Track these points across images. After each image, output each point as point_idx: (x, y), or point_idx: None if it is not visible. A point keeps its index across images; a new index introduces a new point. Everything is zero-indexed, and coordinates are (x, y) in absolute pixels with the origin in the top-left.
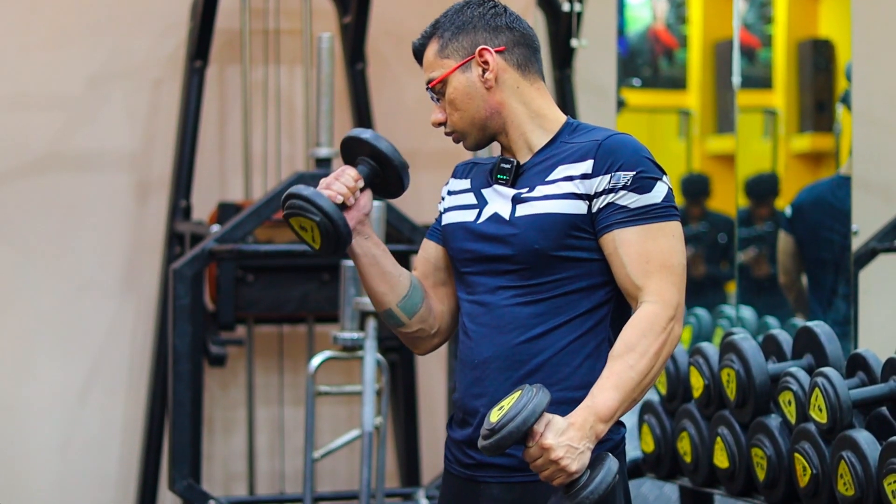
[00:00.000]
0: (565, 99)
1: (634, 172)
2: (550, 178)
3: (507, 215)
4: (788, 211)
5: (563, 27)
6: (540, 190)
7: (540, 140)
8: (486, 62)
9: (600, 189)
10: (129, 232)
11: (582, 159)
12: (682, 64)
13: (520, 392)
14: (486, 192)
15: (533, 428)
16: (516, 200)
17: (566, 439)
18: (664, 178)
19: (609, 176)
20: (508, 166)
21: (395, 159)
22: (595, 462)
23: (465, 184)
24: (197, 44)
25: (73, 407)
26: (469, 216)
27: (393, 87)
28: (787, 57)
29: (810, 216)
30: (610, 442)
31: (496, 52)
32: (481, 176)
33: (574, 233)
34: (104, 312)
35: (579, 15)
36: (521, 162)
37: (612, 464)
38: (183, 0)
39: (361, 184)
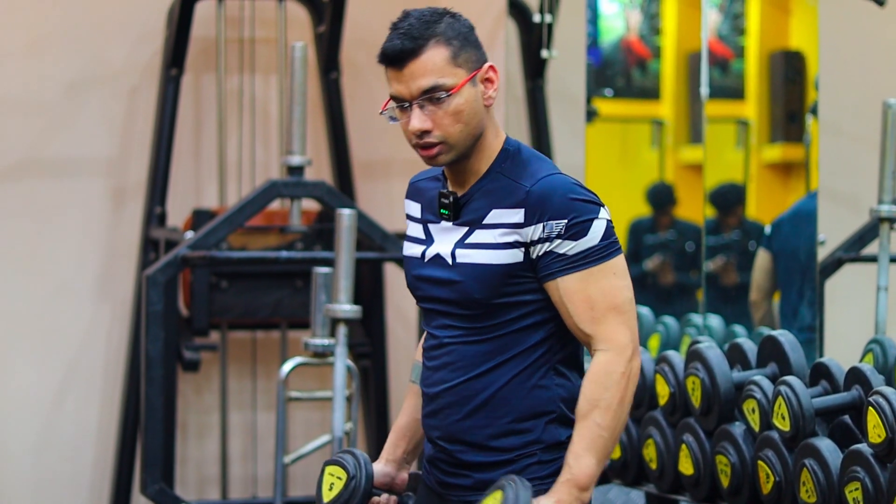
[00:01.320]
0: (537, 109)
1: (566, 220)
2: (487, 221)
3: (449, 259)
4: (768, 229)
5: (535, 38)
6: (477, 236)
7: (481, 167)
8: (489, 80)
9: (535, 238)
10: (105, 238)
11: (513, 206)
12: (656, 74)
13: (500, 492)
14: (432, 227)
15: None
16: (459, 244)
17: None
18: (600, 212)
19: (542, 225)
20: (447, 202)
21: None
22: None
23: (417, 209)
24: (173, 52)
25: (48, 411)
26: (417, 251)
27: (367, 96)
28: (759, 68)
29: (786, 229)
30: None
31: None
32: (428, 201)
33: (513, 280)
34: (80, 317)
35: (550, 26)
36: (460, 193)
37: None
38: (159, 8)
39: None
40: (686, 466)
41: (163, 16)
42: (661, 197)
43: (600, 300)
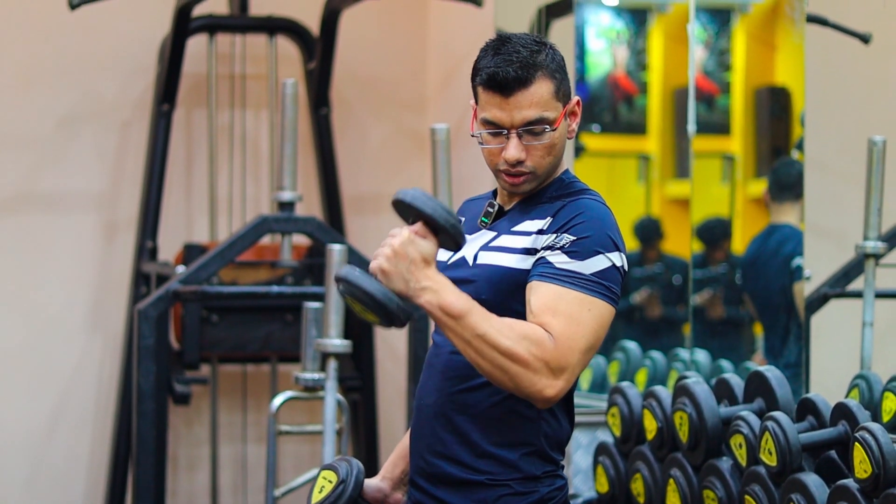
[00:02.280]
0: None
1: (576, 238)
2: (516, 228)
3: (470, 260)
4: (739, 274)
5: None
6: (503, 240)
7: (535, 189)
8: (574, 113)
9: (544, 245)
10: (97, 271)
11: (544, 216)
12: (642, 110)
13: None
14: (467, 237)
15: (420, 222)
16: (483, 247)
17: (414, 255)
18: (612, 255)
19: (555, 235)
20: (492, 210)
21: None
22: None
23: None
24: (164, 87)
25: (40, 442)
26: (444, 257)
27: (356, 131)
28: (744, 103)
29: (751, 270)
30: (535, 494)
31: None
32: (472, 217)
33: (521, 289)
34: (71, 350)
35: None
36: (507, 208)
37: (392, 302)
38: (151, 44)
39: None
40: (674, 501)
41: (154, 51)
42: (649, 231)
43: (563, 316)
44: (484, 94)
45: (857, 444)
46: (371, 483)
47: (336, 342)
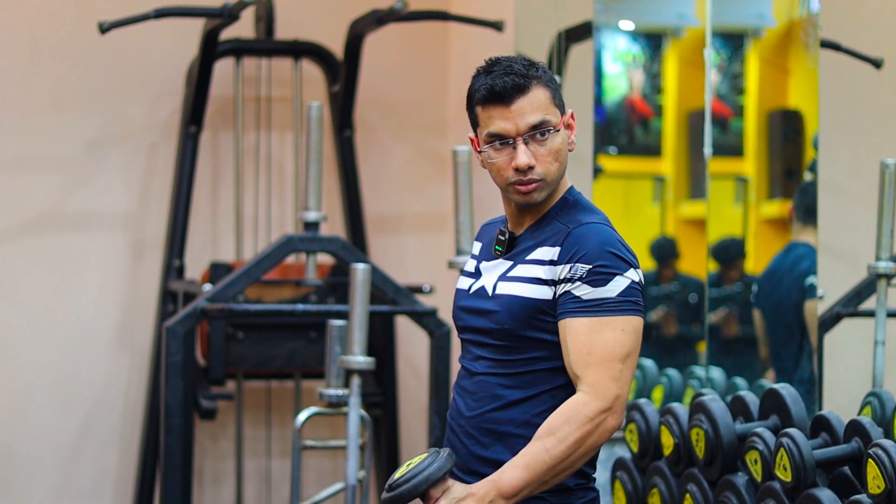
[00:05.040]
0: None
1: (591, 266)
2: (530, 257)
3: (490, 290)
4: (755, 288)
5: None
6: (519, 270)
7: (542, 210)
8: (570, 126)
9: (561, 277)
10: (125, 290)
11: (554, 245)
12: (657, 132)
13: (426, 454)
14: (484, 264)
15: (429, 492)
16: (501, 277)
17: None
18: (628, 271)
19: (569, 266)
20: (504, 238)
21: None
22: None
23: (478, 248)
24: (191, 110)
25: (69, 457)
26: (466, 284)
27: (379, 153)
28: (757, 126)
29: (767, 285)
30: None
31: None
32: (489, 241)
33: (540, 316)
34: (99, 366)
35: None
36: (517, 233)
37: None
38: (178, 68)
39: None
40: None
41: (182, 75)
42: (665, 251)
43: (599, 348)
44: (484, 111)
45: (870, 460)
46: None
47: (359, 359)
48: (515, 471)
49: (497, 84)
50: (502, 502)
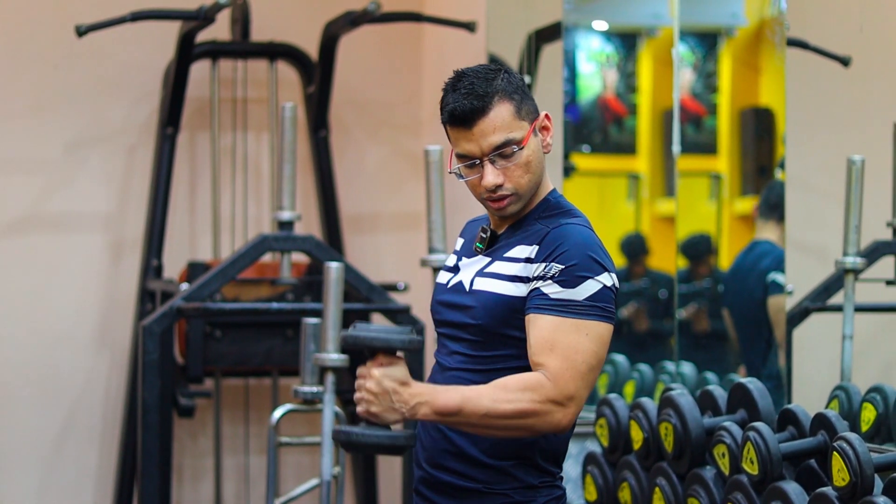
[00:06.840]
0: None
1: (564, 266)
2: (508, 254)
3: (467, 286)
4: (721, 287)
5: None
6: (496, 266)
7: (524, 211)
8: (545, 128)
9: (535, 275)
10: (104, 289)
11: (531, 243)
12: (632, 131)
13: (401, 327)
14: (464, 260)
15: (378, 354)
16: (478, 273)
17: (391, 386)
18: (601, 276)
19: (544, 264)
20: (486, 236)
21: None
22: (396, 432)
23: (460, 244)
24: (169, 111)
25: (50, 455)
26: (445, 279)
27: (354, 153)
28: (730, 124)
29: (732, 283)
30: (533, 503)
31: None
32: (471, 239)
33: (517, 315)
34: (80, 365)
35: (529, 86)
36: (499, 232)
37: (399, 440)
38: (156, 70)
39: None
40: None
41: (159, 77)
42: (635, 247)
43: (562, 347)
44: (451, 130)
45: (835, 453)
46: None
47: (333, 356)
48: (457, 396)
49: (457, 108)
50: (426, 410)
